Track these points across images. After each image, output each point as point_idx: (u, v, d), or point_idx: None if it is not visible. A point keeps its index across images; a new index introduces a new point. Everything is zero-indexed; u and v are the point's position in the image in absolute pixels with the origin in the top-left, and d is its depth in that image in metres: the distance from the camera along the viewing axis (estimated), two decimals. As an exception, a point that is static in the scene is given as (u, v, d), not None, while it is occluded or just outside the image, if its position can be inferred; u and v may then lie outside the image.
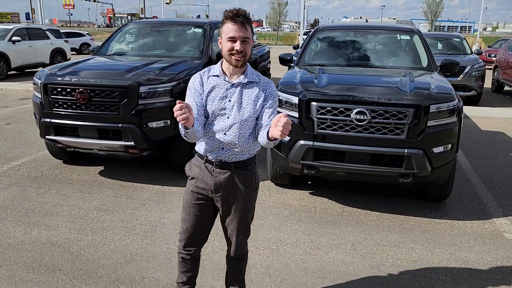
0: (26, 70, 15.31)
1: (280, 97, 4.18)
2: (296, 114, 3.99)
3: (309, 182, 4.95)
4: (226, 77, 2.19)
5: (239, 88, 2.18)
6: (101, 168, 5.34)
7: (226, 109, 2.17)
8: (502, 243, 3.66)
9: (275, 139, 2.07)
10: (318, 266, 3.26)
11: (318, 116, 3.87)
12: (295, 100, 4.00)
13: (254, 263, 3.26)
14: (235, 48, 2.08)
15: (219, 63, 2.22)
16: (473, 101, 10.31)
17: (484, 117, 8.91)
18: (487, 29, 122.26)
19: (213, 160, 2.23)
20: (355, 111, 3.76)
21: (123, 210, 4.15)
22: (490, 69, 14.07)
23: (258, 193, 2.41)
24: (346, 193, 4.66)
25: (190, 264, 2.48)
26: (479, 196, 4.69)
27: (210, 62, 5.69)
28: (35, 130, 7.05)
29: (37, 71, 14.98)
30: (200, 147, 2.28)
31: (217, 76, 2.19)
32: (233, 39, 2.07)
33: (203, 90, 2.19)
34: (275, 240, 3.64)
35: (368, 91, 3.91)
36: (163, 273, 3.11)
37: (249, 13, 2.16)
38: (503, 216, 4.20)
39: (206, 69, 2.26)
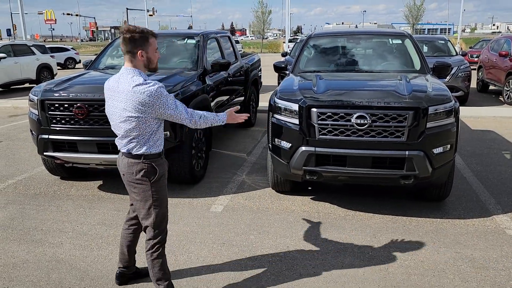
0: (12, 87, 15.15)
1: (279, 105, 4.22)
2: (296, 121, 4.03)
3: (309, 188, 4.99)
4: None
5: None
6: (100, 182, 5.29)
7: None
8: (505, 240, 3.73)
9: None
10: (327, 270, 3.28)
11: (319, 122, 3.91)
12: (295, 107, 4.04)
13: (265, 271, 3.26)
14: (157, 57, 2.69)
15: (142, 73, 2.57)
16: (460, 101, 10.46)
17: (473, 116, 9.10)
18: (466, 31, 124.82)
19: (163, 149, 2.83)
20: (355, 115, 3.81)
21: (126, 224, 4.10)
22: (474, 69, 14.35)
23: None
24: (347, 197, 4.70)
25: None
26: (477, 194, 4.78)
27: (205, 72, 5.71)
28: (28, 147, 6.98)
29: (23, 87, 15.13)
30: (159, 146, 2.79)
31: None
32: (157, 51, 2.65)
33: None
34: (282, 247, 3.65)
35: (367, 95, 3.97)
36: (174, 285, 3.09)
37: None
38: (502, 213, 4.28)
39: (153, 80, 2.58)
